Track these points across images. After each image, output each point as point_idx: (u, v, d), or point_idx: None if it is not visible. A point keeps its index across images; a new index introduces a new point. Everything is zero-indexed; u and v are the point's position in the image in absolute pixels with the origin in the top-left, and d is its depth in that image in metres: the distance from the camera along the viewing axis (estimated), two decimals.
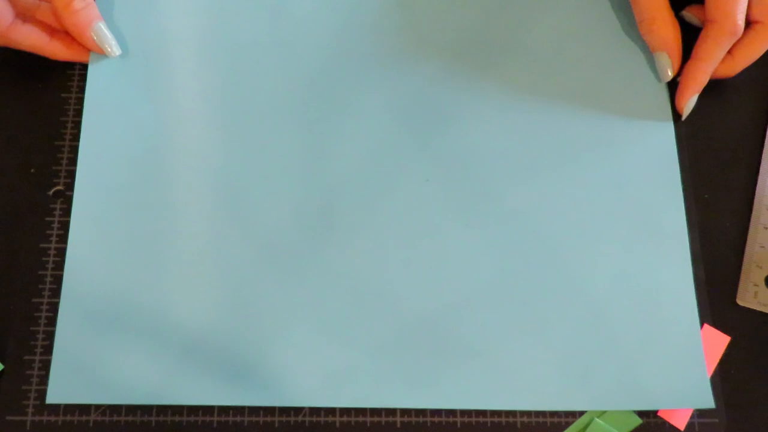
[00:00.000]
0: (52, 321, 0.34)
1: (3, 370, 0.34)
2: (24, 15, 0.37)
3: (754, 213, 0.38)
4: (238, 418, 0.33)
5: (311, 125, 0.38)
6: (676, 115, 0.39)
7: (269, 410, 0.34)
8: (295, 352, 0.34)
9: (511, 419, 0.34)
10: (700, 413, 0.35)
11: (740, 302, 0.37)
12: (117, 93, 0.38)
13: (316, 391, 0.33)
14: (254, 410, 0.34)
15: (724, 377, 0.35)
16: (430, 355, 0.34)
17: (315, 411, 0.34)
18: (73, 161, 0.37)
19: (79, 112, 0.38)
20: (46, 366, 0.34)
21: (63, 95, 0.38)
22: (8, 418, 0.33)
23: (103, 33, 0.37)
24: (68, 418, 0.33)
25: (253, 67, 0.39)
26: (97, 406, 0.33)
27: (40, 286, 0.35)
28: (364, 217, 0.36)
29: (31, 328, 0.34)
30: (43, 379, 0.33)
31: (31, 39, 0.37)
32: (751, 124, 0.40)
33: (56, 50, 0.37)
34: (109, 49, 0.38)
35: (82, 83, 0.38)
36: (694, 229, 0.37)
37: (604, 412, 0.34)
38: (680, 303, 0.36)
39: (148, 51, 0.39)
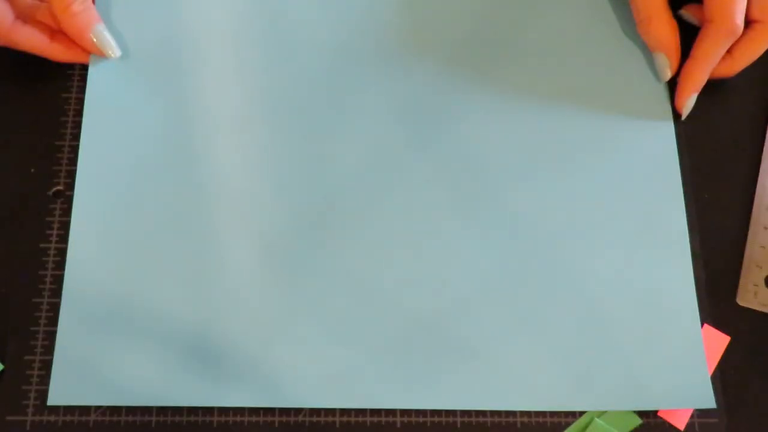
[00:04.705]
0: (52, 321, 0.34)
1: (3, 370, 0.34)
2: (24, 16, 0.37)
3: (754, 213, 0.38)
4: (238, 419, 0.33)
5: (312, 125, 0.38)
6: (676, 115, 0.39)
7: (269, 410, 0.34)
8: (295, 353, 0.34)
9: (511, 419, 0.34)
10: (700, 413, 0.35)
11: (740, 302, 0.37)
12: (117, 93, 0.38)
13: (317, 392, 0.33)
14: (254, 410, 0.34)
15: (724, 377, 0.35)
16: (431, 356, 0.34)
17: (315, 411, 0.34)
18: (73, 161, 0.37)
19: (79, 112, 0.38)
20: (46, 366, 0.34)
21: (63, 95, 0.38)
22: (8, 418, 0.33)
23: (102, 35, 0.37)
24: (68, 418, 0.33)
25: (253, 68, 0.39)
26: (98, 407, 0.33)
27: (40, 286, 0.35)
28: (365, 218, 0.36)
29: (31, 328, 0.34)
30: (44, 379, 0.33)
31: (32, 41, 0.37)
32: (751, 124, 0.40)
33: (56, 52, 0.37)
34: (109, 52, 0.38)
35: (82, 83, 0.38)
36: (694, 229, 0.37)
37: (604, 412, 0.34)
38: (680, 303, 0.36)
39: (148, 51, 0.39)
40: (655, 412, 0.35)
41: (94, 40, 0.37)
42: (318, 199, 0.37)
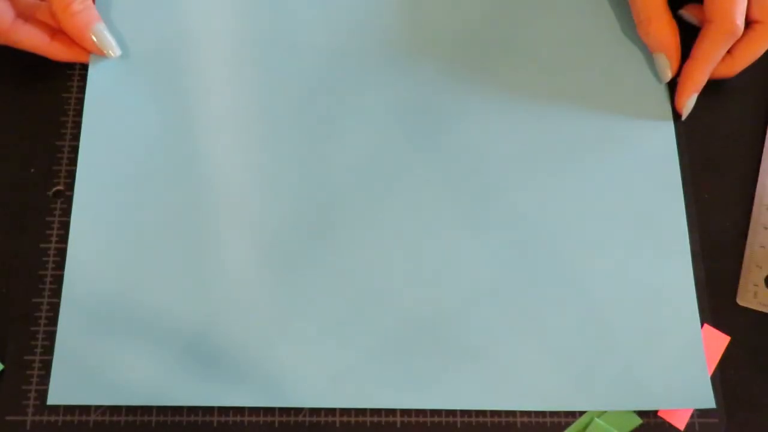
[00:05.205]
0: (52, 321, 0.34)
1: (3, 370, 0.34)
2: (24, 15, 0.37)
3: (754, 213, 0.38)
4: (238, 418, 0.33)
5: (312, 125, 0.38)
6: (676, 115, 0.39)
7: (269, 410, 0.34)
8: (295, 353, 0.34)
9: (511, 419, 0.34)
10: (700, 413, 0.35)
11: (740, 302, 0.37)
12: (117, 93, 0.38)
13: (316, 392, 0.33)
14: (254, 410, 0.34)
15: (724, 377, 0.35)
16: (431, 356, 0.34)
17: (315, 411, 0.34)
18: (73, 161, 0.37)
19: (79, 112, 0.38)
20: (46, 366, 0.34)
21: (63, 95, 0.38)
22: (8, 418, 0.33)
23: (102, 35, 0.37)
24: (68, 418, 0.33)
25: (253, 68, 0.39)
26: (98, 406, 0.33)
27: (40, 286, 0.35)
28: (365, 218, 0.36)
29: (31, 328, 0.34)
30: (44, 379, 0.33)
31: (32, 40, 0.37)
32: (751, 124, 0.40)
33: (56, 51, 0.37)
34: (109, 51, 0.38)
35: (82, 83, 0.38)
36: (694, 229, 0.37)
37: (604, 412, 0.34)
38: (680, 303, 0.36)
39: (148, 51, 0.39)
40: (655, 412, 0.35)
41: (94, 39, 0.37)
42: (318, 199, 0.37)
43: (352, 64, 0.39)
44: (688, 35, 0.39)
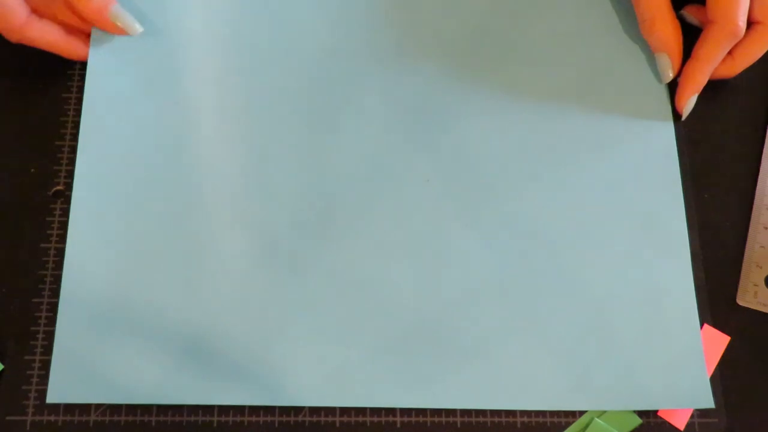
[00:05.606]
0: (52, 321, 0.34)
1: (3, 370, 0.34)
2: (39, 11, 0.37)
3: (754, 213, 0.38)
4: (238, 418, 0.34)
5: (312, 125, 0.38)
6: (676, 115, 0.39)
7: (269, 410, 0.34)
8: (295, 352, 0.34)
9: (511, 419, 0.34)
10: (700, 413, 0.35)
11: (740, 302, 0.37)
12: (116, 92, 0.38)
13: (316, 391, 0.33)
14: (254, 410, 0.34)
15: (724, 377, 0.35)
16: (431, 355, 0.34)
17: (315, 411, 0.34)
18: (73, 161, 0.37)
19: (79, 112, 0.38)
20: (46, 366, 0.34)
21: (63, 95, 0.38)
22: (8, 418, 0.33)
23: (122, 14, 0.37)
24: (68, 417, 0.33)
25: (253, 67, 0.39)
26: (97, 406, 0.33)
27: (40, 286, 0.35)
28: (365, 218, 0.36)
29: (31, 328, 0.34)
30: (43, 379, 0.33)
31: (48, 37, 0.36)
32: (751, 124, 0.40)
33: (73, 48, 0.37)
34: (131, 29, 0.37)
35: (82, 83, 0.38)
36: (694, 229, 0.37)
37: (604, 412, 0.34)
38: (680, 303, 0.36)
39: (148, 50, 0.39)
40: (655, 412, 0.35)
41: (114, 19, 0.37)
42: (317, 198, 0.37)
43: (353, 64, 0.39)
44: (689, 36, 0.39)
